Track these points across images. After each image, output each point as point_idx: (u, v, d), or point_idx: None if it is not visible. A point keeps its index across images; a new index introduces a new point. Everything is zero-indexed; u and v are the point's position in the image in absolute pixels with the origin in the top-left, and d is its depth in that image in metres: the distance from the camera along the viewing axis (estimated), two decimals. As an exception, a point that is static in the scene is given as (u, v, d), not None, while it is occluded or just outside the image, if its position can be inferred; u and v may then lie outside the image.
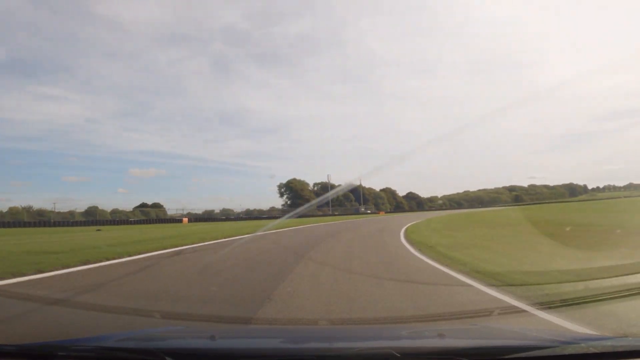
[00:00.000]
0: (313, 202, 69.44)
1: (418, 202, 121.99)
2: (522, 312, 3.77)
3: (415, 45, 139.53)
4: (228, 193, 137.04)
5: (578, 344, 1.68)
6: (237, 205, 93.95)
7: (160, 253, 9.73)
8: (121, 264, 7.88)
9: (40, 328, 3.53)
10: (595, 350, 1.58)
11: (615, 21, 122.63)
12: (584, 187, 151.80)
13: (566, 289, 4.75)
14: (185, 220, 54.92)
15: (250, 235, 16.43)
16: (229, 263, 8.40)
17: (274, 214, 76.11)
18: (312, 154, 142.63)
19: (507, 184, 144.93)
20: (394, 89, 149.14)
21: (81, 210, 75.10)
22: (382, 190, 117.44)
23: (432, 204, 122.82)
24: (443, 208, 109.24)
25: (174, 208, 74.47)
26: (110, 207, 75.37)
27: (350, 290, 5.05)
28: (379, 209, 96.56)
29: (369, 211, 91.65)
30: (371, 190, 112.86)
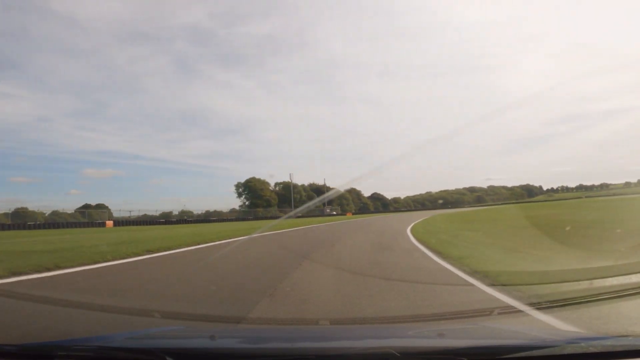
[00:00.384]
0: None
1: (383, 203, 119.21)
2: (522, 311, 3.71)
3: (378, 48, 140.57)
4: (189, 194, 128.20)
5: (578, 343, 1.68)
6: (197, 207, 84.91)
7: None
8: None
9: None
10: (595, 350, 1.58)
11: (570, 30, 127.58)
12: (540, 187, 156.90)
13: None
14: (110, 223, 44.32)
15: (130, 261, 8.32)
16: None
17: (227, 216, 67.26)
18: (275, 154, 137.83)
19: (465, 185, 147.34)
20: (357, 91, 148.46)
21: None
22: (347, 190, 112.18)
23: (397, 205, 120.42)
24: (407, 209, 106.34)
25: (127, 210, 65.40)
26: (59, 208, 62.45)
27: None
28: (345, 210, 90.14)
29: (334, 212, 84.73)
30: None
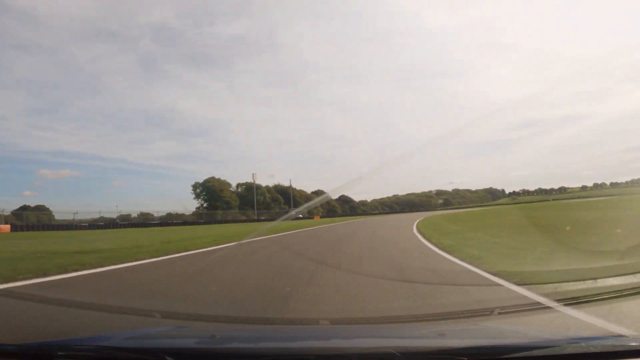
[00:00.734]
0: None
1: (351, 206, 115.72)
2: (522, 311, 3.71)
3: (346, 52, 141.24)
4: (153, 196, 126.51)
5: (578, 343, 1.67)
6: (158, 209, 77.30)
7: None
8: None
9: None
10: (596, 350, 1.57)
11: (533, 38, 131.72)
12: (502, 191, 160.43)
13: None
14: (7, 228, 35.99)
15: None
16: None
17: (186, 219, 59.87)
18: (241, 156, 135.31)
19: (430, 188, 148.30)
20: (324, 95, 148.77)
21: None
22: (314, 192, 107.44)
23: (365, 208, 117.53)
24: (375, 212, 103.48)
25: (85, 212, 62.03)
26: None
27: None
28: (312, 213, 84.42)
29: (300, 215, 79.08)
30: (303, 193, 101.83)
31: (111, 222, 55.80)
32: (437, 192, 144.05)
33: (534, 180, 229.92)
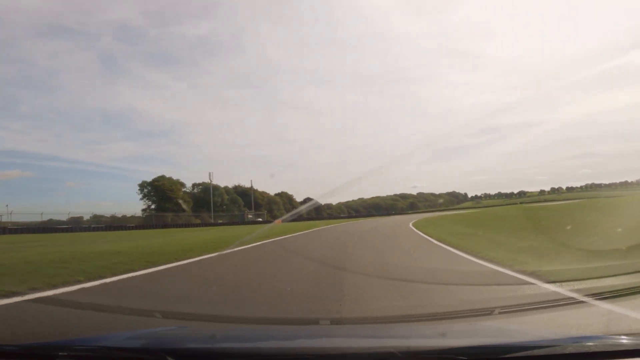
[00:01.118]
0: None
1: (316, 209, 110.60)
2: (523, 310, 3.69)
3: (313, 56, 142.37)
4: (109, 198, 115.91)
5: (579, 342, 1.66)
6: (110, 212, 71.68)
7: None
8: None
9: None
10: (596, 349, 1.57)
11: (491, 46, 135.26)
12: (465, 195, 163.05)
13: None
14: None
15: None
16: None
17: (134, 222, 51.89)
18: (203, 159, 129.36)
19: (393, 192, 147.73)
20: (289, 98, 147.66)
21: None
22: (277, 194, 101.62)
23: (330, 211, 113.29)
24: (343, 216, 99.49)
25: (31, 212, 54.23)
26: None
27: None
28: (274, 217, 77.67)
29: (259, 219, 72.62)
30: (265, 195, 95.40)
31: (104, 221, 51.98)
32: (402, 196, 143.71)
33: (493, 185, 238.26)
